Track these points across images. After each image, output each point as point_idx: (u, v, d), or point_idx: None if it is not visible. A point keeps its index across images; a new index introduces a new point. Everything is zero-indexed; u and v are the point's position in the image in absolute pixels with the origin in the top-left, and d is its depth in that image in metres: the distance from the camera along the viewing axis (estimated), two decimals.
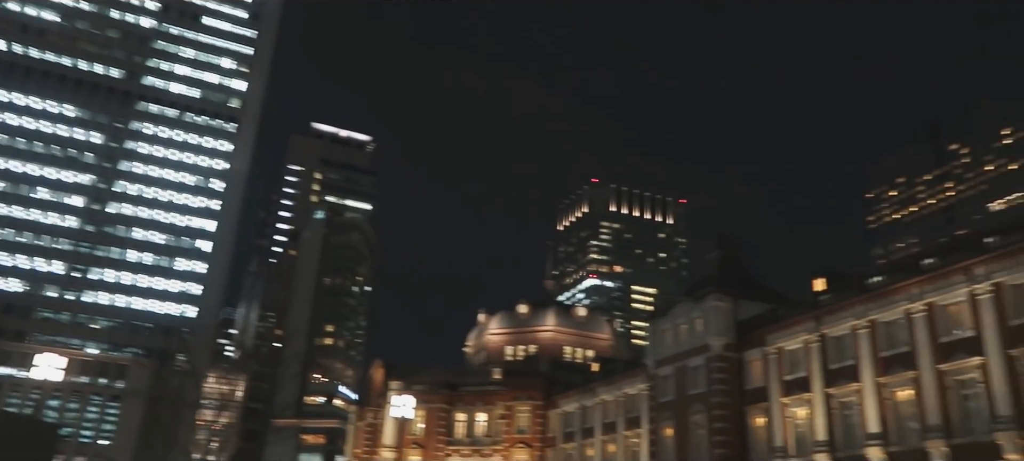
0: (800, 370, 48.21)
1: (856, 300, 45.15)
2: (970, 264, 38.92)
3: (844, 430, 44.49)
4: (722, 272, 59.75)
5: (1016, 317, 36.37)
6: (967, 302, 38.90)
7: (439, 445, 79.30)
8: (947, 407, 38.59)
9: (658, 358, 59.47)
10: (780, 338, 50.13)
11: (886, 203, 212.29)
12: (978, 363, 37.49)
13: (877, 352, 43.16)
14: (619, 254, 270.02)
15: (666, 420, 56.85)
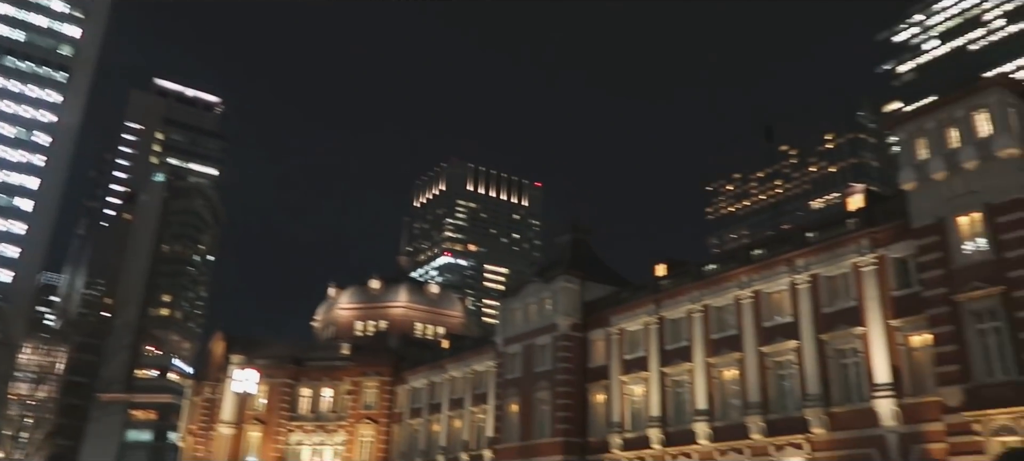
0: (639, 350, 50.95)
1: (692, 286, 48.20)
2: (792, 256, 42.54)
3: (676, 406, 47.56)
4: (572, 255, 61.84)
5: (828, 305, 40.21)
6: (788, 291, 42.53)
7: (282, 421, 77.16)
8: (766, 386, 42.18)
9: (507, 336, 60.82)
10: (623, 319, 52.68)
11: (723, 196, 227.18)
12: (794, 346, 41.17)
13: (708, 334, 46.35)
14: (474, 233, 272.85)
15: (512, 396, 58.35)
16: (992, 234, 32.57)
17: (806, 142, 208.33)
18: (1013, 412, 29.83)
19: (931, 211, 35.00)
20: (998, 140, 32.80)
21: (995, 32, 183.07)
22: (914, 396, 35.21)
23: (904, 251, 37.11)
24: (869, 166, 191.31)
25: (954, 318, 32.89)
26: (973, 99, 34.47)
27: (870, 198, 41.85)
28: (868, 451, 36.22)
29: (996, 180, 32.79)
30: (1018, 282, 31.07)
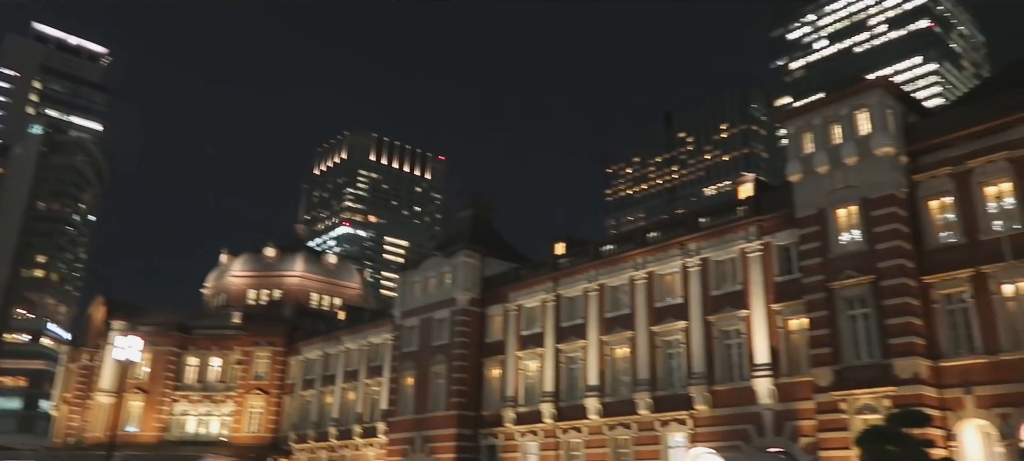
0: (536, 326, 51.76)
1: (590, 265, 49.26)
2: (685, 240, 44.10)
3: (569, 382, 48.68)
4: (473, 230, 61.96)
5: (716, 288, 41.98)
6: (680, 273, 44.11)
7: (166, 390, 74.33)
8: (655, 364, 43.75)
9: (405, 309, 60.48)
10: (521, 296, 53.33)
11: (622, 179, 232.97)
12: (682, 327, 42.82)
13: (603, 313, 47.57)
14: (375, 204, 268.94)
15: (408, 369, 58.18)
16: (866, 226, 34.74)
17: (703, 131, 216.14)
18: (875, 392, 32.12)
19: (813, 202, 36.97)
20: (876, 138, 34.90)
21: (878, 36, 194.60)
22: (789, 376, 37.36)
23: (788, 239, 39.10)
24: (759, 157, 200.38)
25: (829, 304, 35.00)
26: (856, 98, 36.50)
27: (759, 187, 43.76)
28: (745, 427, 38.25)
29: (872, 176, 34.93)
30: (886, 272, 33.33)
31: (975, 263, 31.98)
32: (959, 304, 32.48)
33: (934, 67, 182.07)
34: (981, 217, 32.65)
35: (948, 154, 34.15)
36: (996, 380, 30.20)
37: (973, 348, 31.59)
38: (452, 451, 52.20)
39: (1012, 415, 29.49)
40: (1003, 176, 32.37)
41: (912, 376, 31.38)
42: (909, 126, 36.07)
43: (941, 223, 34.24)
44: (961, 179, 33.56)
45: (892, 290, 32.97)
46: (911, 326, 32.24)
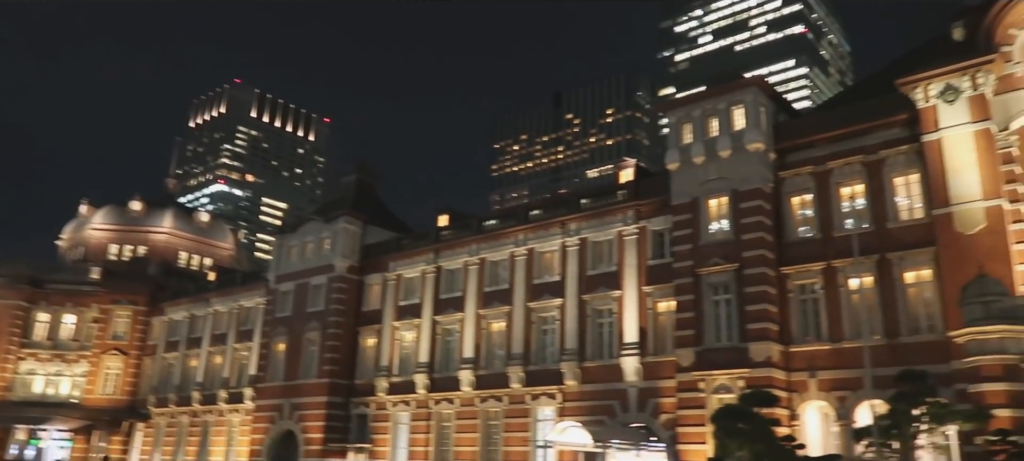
0: (414, 297, 51.56)
1: (472, 239, 49.47)
2: (566, 220, 45.05)
3: (444, 354, 48.90)
4: (356, 197, 60.79)
5: (592, 268, 43.19)
6: (559, 252, 45.05)
7: (11, 347, 69.13)
8: (529, 339, 44.62)
9: (280, 273, 58.74)
10: (401, 266, 52.92)
11: (509, 156, 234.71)
12: (558, 304, 43.84)
13: (482, 287, 47.97)
14: (253, 163, 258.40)
15: (280, 335, 56.64)
16: (734, 217, 36.65)
17: (590, 113, 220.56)
18: (731, 373, 34.16)
19: (688, 191, 38.59)
20: (749, 134, 36.77)
21: (757, 37, 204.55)
22: (655, 355, 39.07)
23: (662, 225, 40.69)
24: (642, 143, 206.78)
25: (695, 288, 36.77)
26: (733, 95, 38.29)
27: (639, 173, 45.23)
28: (611, 403, 39.77)
29: (743, 169, 36.83)
30: (749, 261, 35.35)
31: (827, 257, 34.46)
32: (810, 294, 34.94)
33: (805, 71, 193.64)
34: (835, 215, 35.14)
35: (811, 154, 36.48)
36: (837, 366, 32.78)
37: (820, 336, 34.12)
38: (322, 419, 51.43)
39: (848, 398, 32.14)
40: (857, 178, 34.93)
41: (765, 359, 33.57)
42: (779, 125, 38.23)
43: (800, 218, 36.62)
44: (821, 178, 35.95)
45: (753, 278, 35.03)
46: (767, 313, 34.41)
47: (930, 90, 32.32)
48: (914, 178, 33.47)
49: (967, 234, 30.11)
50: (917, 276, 32.40)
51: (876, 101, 35.16)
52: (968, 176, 30.63)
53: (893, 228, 33.32)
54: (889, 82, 33.78)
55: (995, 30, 31.77)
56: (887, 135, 34.30)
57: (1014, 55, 31.25)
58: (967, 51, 32.01)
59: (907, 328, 31.94)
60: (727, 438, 26.35)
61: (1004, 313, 26.11)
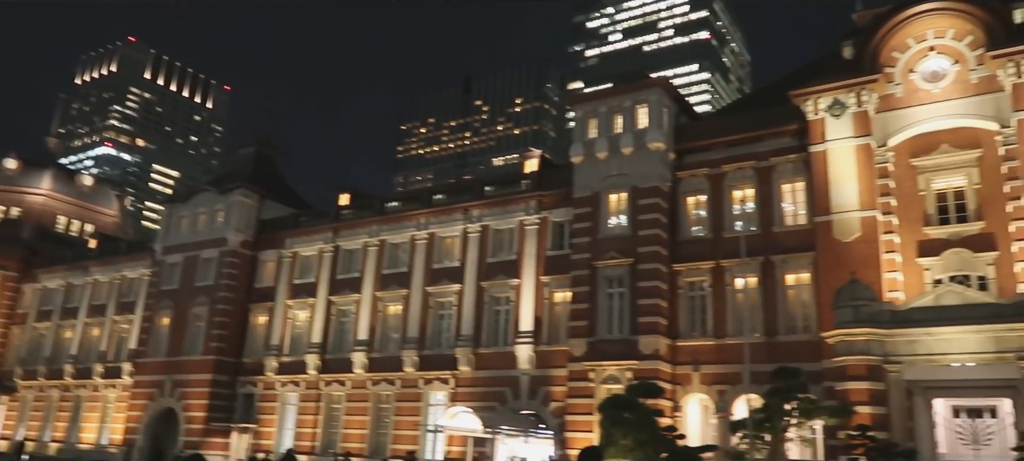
0: (310, 276, 50.36)
1: (373, 220, 48.73)
2: (469, 206, 45.02)
3: (338, 335, 48.04)
4: (254, 169, 58.74)
5: (492, 256, 43.36)
6: (460, 238, 44.99)
7: None
8: (425, 324, 44.43)
9: (168, 244, 56.15)
10: (298, 243, 51.56)
11: (416, 138, 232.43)
12: (457, 290, 43.81)
13: (381, 269, 47.36)
14: (145, 127, 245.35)
15: (165, 309, 54.17)
16: (632, 213, 37.60)
17: (499, 101, 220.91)
18: (621, 365, 35.11)
19: (590, 185, 39.29)
20: (651, 133, 37.76)
21: (665, 40, 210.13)
22: (548, 345, 39.65)
23: (563, 217, 41.27)
24: (548, 135, 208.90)
25: (591, 281, 37.54)
26: (639, 93, 39.20)
27: (544, 164, 45.67)
28: (504, 390, 40.13)
29: (643, 167, 37.80)
30: (644, 256, 36.37)
31: (716, 257, 35.88)
32: (699, 292, 36.30)
33: (707, 76, 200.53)
34: (726, 216, 36.60)
35: (708, 156, 37.83)
36: (719, 361, 34.26)
37: (705, 332, 35.54)
38: (205, 397, 49.57)
39: (728, 392, 33.68)
40: (748, 182, 36.47)
41: (653, 352, 34.67)
42: (680, 126, 39.43)
43: (694, 218, 37.95)
44: (715, 180, 37.34)
45: (646, 274, 36.06)
46: (658, 307, 35.53)
47: (819, 103, 34.06)
48: (800, 186, 35.26)
49: (844, 241, 31.98)
50: (797, 279, 34.19)
51: (770, 110, 36.78)
52: (848, 187, 32.51)
53: (778, 232, 35.01)
54: (783, 93, 35.39)
55: (880, 52, 33.78)
56: (778, 143, 35.96)
57: (896, 76, 33.32)
58: (855, 69, 33.92)
59: (785, 327, 33.70)
60: (612, 427, 27.06)
61: (871, 317, 27.89)
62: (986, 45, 31.32)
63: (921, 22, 33.30)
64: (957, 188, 31.58)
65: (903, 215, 31.89)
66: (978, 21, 31.93)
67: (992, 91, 31.15)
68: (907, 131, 32.57)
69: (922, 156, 32.17)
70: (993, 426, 27.21)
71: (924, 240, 31.34)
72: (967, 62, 31.99)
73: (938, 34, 32.87)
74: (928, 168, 32.07)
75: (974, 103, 31.46)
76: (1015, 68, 30.39)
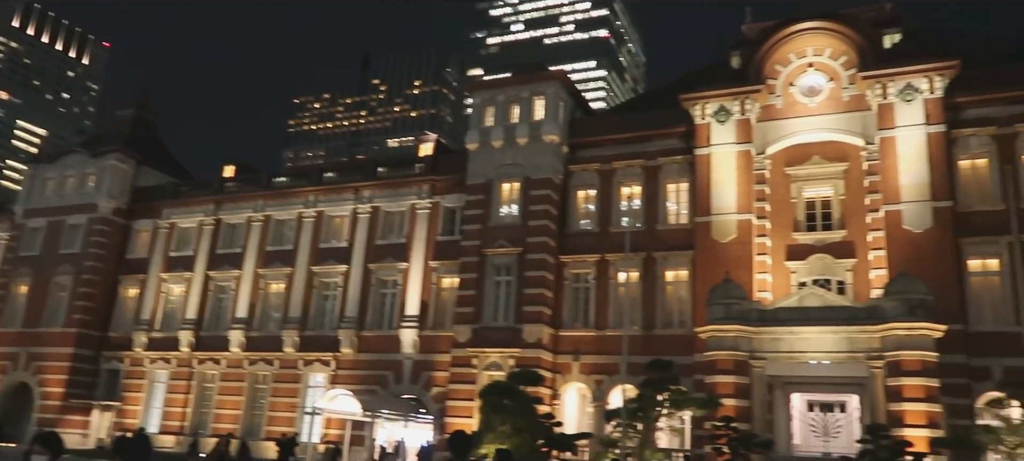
0: (188, 249, 48.15)
1: (259, 194, 47.09)
2: (360, 186, 44.22)
3: (215, 312, 46.20)
4: (132, 133, 55.42)
5: (382, 238, 42.80)
6: (349, 218, 44.16)
7: None
8: (309, 304, 43.39)
9: (31, 207, 52.25)
10: (177, 214, 49.18)
11: (308, 113, 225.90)
12: (343, 270, 43.00)
13: (264, 245, 45.86)
14: (10, 79, 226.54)
15: (23, 276, 50.43)
16: (523, 203, 38.01)
17: (397, 82, 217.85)
18: (504, 352, 35.52)
19: (484, 172, 39.40)
20: (546, 126, 38.23)
21: (565, 34, 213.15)
22: (433, 330, 39.61)
23: (456, 203, 41.22)
24: (445, 120, 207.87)
25: (480, 268, 37.71)
26: (536, 85, 39.60)
27: (439, 149, 45.44)
28: (385, 373, 39.80)
29: (537, 158, 38.26)
30: (532, 247, 36.85)
31: (602, 251, 36.81)
32: (583, 284, 37.17)
33: (603, 74, 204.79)
34: (614, 212, 37.59)
35: (599, 152, 38.70)
36: (599, 351, 35.23)
37: (587, 323, 36.46)
38: (65, 372, 46.61)
39: (605, 382, 34.73)
40: (636, 180, 37.58)
41: (536, 341, 35.26)
42: (574, 121, 40.12)
43: (583, 211, 38.78)
44: (605, 176, 38.27)
45: (534, 264, 36.57)
46: (543, 297, 36.13)
47: (707, 109, 35.47)
48: (684, 186, 36.66)
49: (721, 242, 33.53)
50: (676, 275, 35.58)
51: (661, 112, 38.03)
52: (727, 190, 34.08)
53: (661, 230, 36.29)
54: (674, 96, 36.63)
55: (765, 64, 35.52)
56: (666, 144, 37.23)
57: (777, 88, 35.14)
58: (741, 79, 35.53)
59: (662, 322, 35.04)
60: (492, 413, 27.34)
61: (740, 315, 29.40)
62: (858, 66, 33.52)
63: (803, 39, 35.24)
64: (825, 198, 33.70)
65: (776, 220, 33.74)
66: (853, 43, 34.11)
67: (861, 109, 33.38)
68: (784, 141, 34.44)
69: (796, 165, 34.11)
70: (842, 420, 29.31)
71: (793, 245, 33.29)
72: (841, 80, 34.13)
73: (817, 52, 34.89)
74: (800, 177, 34.04)
75: (844, 119, 33.61)
76: (881, 89, 32.67)
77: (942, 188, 30.95)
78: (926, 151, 31.43)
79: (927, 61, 32.20)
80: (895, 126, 32.13)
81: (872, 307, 28.32)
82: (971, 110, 32.38)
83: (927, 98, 31.97)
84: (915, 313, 27.02)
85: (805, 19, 35.27)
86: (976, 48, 35.57)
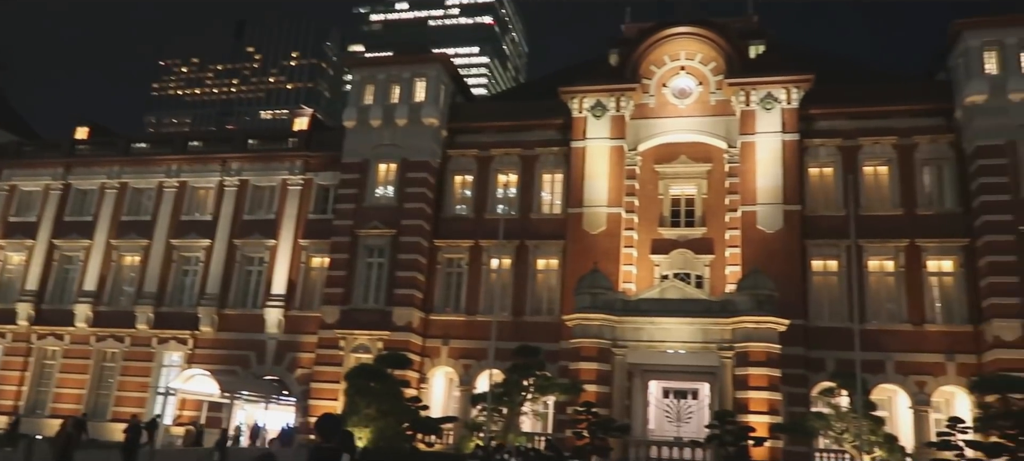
0: (31, 214, 44.47)
1: (115, 159, 44.10)
2: (228, 158, 42.27)
3: (60, 284, 42.95)
4: None
5: (249, 213, 41.11)
6: (215, 190, 42.12)
7: None
8: (166, 279, 41.10)
9: None
10: (19, 176, 45.27)
11: (174, 77, 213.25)
12: (206, 245, 41.00)
13: (119, 215, 43.02)
14: None
15: None
16: (399, 185, 37.62)
17: (273, 52, 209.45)
18: (373, 335, 35.13)
19: (360, 151, 38.64)
20: (426, 108, 37.93)
21: (450, 17, 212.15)
22: (300, 310, 38.56)
23: (329, 180, 40.20)
24: (322, 95, 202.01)
25: (352, 248, 37.04)
26: (418, 67, 39.20)
27: (314, 124, 44.14)
28: (248, 353, 38.38)
29: (415, 141, 37.92)
30: (407, 229, 36.57)
31: (476, 236, 37.05)
32: (457, 269, 37.31)
33: (486, 61, 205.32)
34: (490, 198, 37.90)
35: (478, 138, 38.87)
36: (468, 336, 35.52)
37: (458, 308, 36.65)
38: None
39: (473, 366, 35.10)
40: (513, 169, 38.02)
41: (406, 324, 35.09)
42: (455, 105, 40.07)
43: (459, 196, 38.86)
44: (483, 163, 38.48)
45: (408, 246, 36.31)
46: (415, 281, 35.97)
47: (584, 103, 36.36)
48: (559, 177, 37.47)
49: (591, 233, 34.56)
50: (547, 264, 36.37)
51: (540, 103, 38.60)
52: (599, 184, 35.14)
53: (535, 219, 36.95)
54: (554, 88, 37.28)
55: (641, 64, 36.78)
56: (544, 135, 37.87)
57: (651, 88, 36.49)
58: (618, 76, 36.67)
59: (532, 309, 35.75)
60: (357, 396, 27.00)
61: (606, 304, 30.43)
62: (725, 73, 35.40)
63: (677, 43, 36.77)
64: (689, 196, 35.40)
65: (643, 215, 35.13)
66: (721, 50, 35.94)
67: (725, 114, 35.26)
68: (654, 139, 35.86)
69: (664, 163, 35.61)
70: (694, 407, 31.01)
71: (658, 239, 34.78)
72: (709, 85, 35.91)
73: (689, 56, 36.52)
74: (668, 175, 35.58)
75: (710, 122, 35.40)
76: (745, 97, 34.66)
77: (793, 193, 33.27)
78: (781, 157, 33.66)
79: (786, 73, 34.48)
80: (755, 132, 34.19)
81: (725, 301, 30.05)
82: (821, 122, 34.94)
83: (784, 108, 34.22)
84: (763, 307, 28.92)
85: (680, 24, 36.81)
86: (831, 66, 38.45)
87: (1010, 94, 31.83)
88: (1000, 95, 31.92)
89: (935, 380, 31.10)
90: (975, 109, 32.22)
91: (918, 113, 34.21)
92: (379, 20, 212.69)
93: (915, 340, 31.62)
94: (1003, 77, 32.12)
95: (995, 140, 31.69)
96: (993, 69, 32.46)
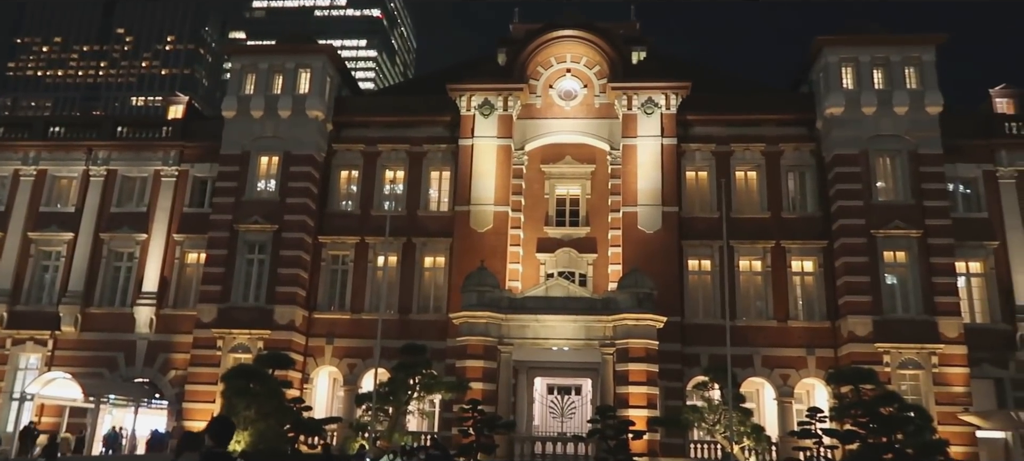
0: None
1: None
2: (94, 145, 39.66)
3: None
4: None
5: (118, 205, 38.74)
6: (79, 180, 39.47)
7: None
8: (22, 274, 38.16)
9: None
10: None
11: (33, 56, 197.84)
12: (68, 239, 38.32)
13: None
14: None
15: None
16: (282, 179, 36.49)
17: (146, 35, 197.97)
18: (252, 334, 33.95)
19: (240, 143, 37.18)
20: (311, 100, 36.94)
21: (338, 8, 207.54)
22: (174, 308, 36.72)
23: (207, 172, 38.50)
24: (200, 82, 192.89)
25: (231, 244, 35.61)
26: (303, 57, 38.12)
27: (191, 112, 42.09)
28: (115, 354, 36.18)
29: (299, 133, 36.87)
30: (289, 225, 35.52)
31: (362, 233, 36.53)
32: (342, 266, 36.63)
33: (374, 54, 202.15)
34: (376, 195, 37.43)
35: (365, 133, 38.30)
36: (354, 335, 34.97)
37: (343, 306, 36.01)
38: None
39: (358, 366, 34.59)
40: (400, 164, 37.72)
41: (288, 323, 34.13)
42: (341, 98, 39.28)
43: (345, 192, 38.18)
44: (370, 158, 37.96)
45: (290, 242, 35.32)
46: (298, 278, 35.05)
47: (472, 101, 36.54)
48: (447, 174, 37.49)
49: (478, 231, 34.80)
50: (434, 262, 36.33)
51: (429, 99, 38.46)
52: (487, 182, 35.44)
53: (422, 216, 36.82)
54: (442, 85, 37.24)
55: (528, 65, 37.32)
56: (432, 132, 37.78)
57: (538, 89, 37.11)
58: (505, 76, 37.07)
59: (418, 307, 35.61)
60: (236, 398, 26.00)
61: (492, 302, 30.75)
62: (609, 76, 36.49)
63: (562, 46, 37.55)
64: (573, 196, 36.29)
65: (529, 214, 35.71)
66: (605, 55, 37.01)
67: (609, 117, 36.36)
68: (541, 140, 36.51)
69: (550, 164, 36.33)
70: (577, 402, 31.89)
71: (543, 238, 35.46)
72: (594, 88, 36.90)
73: (574, 59, 37.38)
74: (553, 175, 36.33)
75: (594, 125, 36.41)
76: (627, 101, 35.85)
77: (671, 195, 34.73)
78: (660, 160, 35.06)
79: (666, 80, 35.95)
80: (636, 135, 35.45)
81: (607, 299, 31.02)
82: (698, 128, 36.64)
83: (664, 113, 35.66)
84: (642, 305, 30.06)
85: (565, 27, 37.61)
86: (705, 76, 40.32)
87: (863, 107, 34.45)
88: (855, 108, 34.50)
89: (797, 373, 33.31)
90: (833, 120, 34.69)
91: (784, 122, 36.53)
92: (262, 7, 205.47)
93: (780, 336, 33.75)
94: (858, 92, 34.73)
95: (850, 149, 34.24)
96: (849, 84, 35.04)
